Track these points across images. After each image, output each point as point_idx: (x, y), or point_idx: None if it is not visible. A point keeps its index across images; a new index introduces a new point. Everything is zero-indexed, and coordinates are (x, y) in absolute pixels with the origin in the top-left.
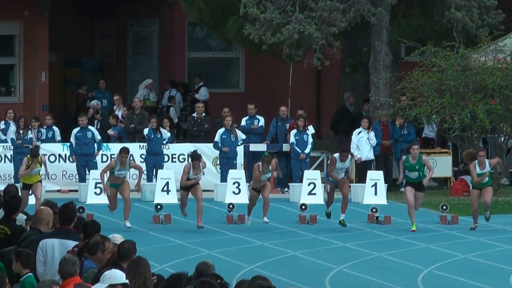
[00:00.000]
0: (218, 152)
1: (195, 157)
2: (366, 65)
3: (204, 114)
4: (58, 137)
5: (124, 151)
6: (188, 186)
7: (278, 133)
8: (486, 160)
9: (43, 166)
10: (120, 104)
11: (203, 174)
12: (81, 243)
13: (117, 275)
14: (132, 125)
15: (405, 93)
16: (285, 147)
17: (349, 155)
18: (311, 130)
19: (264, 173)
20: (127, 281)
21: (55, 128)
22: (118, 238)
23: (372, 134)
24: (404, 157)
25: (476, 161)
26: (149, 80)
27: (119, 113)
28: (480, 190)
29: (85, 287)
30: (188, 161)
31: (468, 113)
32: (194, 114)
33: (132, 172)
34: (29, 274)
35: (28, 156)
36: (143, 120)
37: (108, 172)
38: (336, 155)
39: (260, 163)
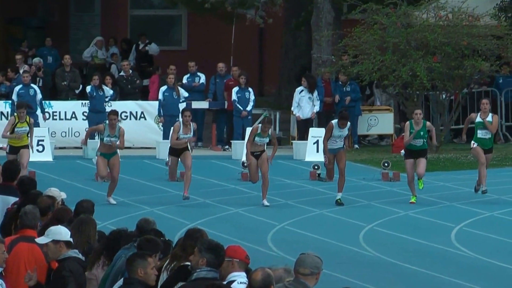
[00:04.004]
0: (160, 109)
1: (187, 108)
2: (308, 22)
3: (131, 71)
4: None
5: (113, 113)
6: (177, 151)
7: (217, 89)
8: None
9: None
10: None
11: (194, 134)
12: (19, 200)
13: (62, 232)
14: (65, 82)
15: (347, 50)
16: (227, 104)
17: (348, 123)
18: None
19: (263, 136)
20: (70, 240)
21: None
22: (55, 192)
23: (316, 98)
24: (407, 123)
25: (479, 113)
26: (99, 38)
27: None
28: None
29: (26, 238)
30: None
31: (407, 70)
32: (122, 73)
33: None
34: None
35: (15, 114)
36: (75, 77)
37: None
38: (334, 121)
39: (260, 125)
